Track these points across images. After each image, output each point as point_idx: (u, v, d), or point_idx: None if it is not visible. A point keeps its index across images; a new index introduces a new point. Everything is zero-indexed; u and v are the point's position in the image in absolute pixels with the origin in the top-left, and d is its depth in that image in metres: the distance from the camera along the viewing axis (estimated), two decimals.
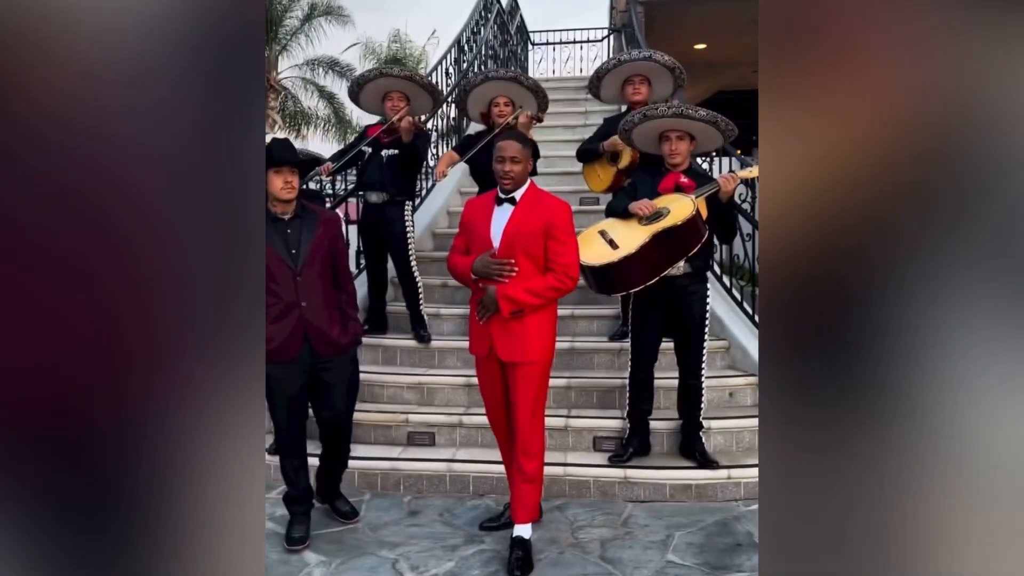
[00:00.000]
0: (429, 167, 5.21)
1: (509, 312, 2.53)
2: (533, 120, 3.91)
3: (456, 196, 5.78)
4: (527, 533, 2.65)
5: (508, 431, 2.76)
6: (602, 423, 3.55)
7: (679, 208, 3.02)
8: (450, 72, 6.32)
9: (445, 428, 3.62)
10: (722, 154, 4.24)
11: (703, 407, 3.34)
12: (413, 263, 4.18)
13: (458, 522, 3.00)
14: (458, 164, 4.42)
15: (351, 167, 4.30)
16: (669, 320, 3.26)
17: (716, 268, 4.23)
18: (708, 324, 3.28)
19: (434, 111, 4.42)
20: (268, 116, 14.41)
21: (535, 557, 2.64)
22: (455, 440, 3.60)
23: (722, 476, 3.23)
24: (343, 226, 3.05)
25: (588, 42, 10.32)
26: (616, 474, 3.28)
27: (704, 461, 3.28)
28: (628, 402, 3.40)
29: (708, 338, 3.32)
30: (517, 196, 2.62)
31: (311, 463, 2.92)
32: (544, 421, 2.71)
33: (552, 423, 3.35)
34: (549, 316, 2.65)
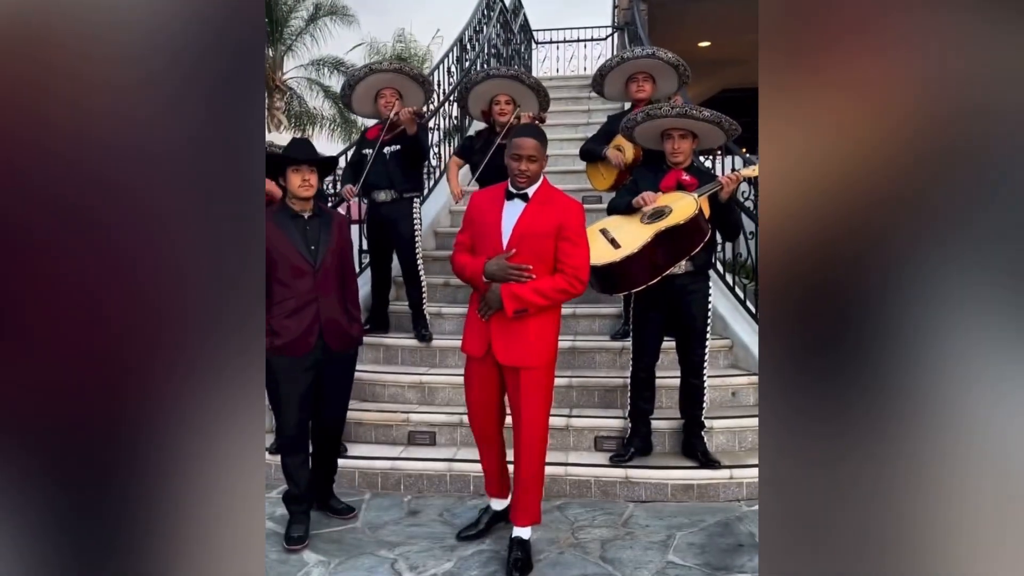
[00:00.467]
0: (430, 164, 5.20)
1: (513, 311, 2.43)
2: (534, 121, 3.90)
3: None
4: (527, 533, 2.63)
5: (496, 434, 2.73)
6: (603, 423, 3.54)
7: (681, 207, 3.00)
8: (452, 71, 6.32)
9: (446, 428, 3.61)
10: (726, 152, 4.22)
11: (705, 406, 3.32)
12: (420, 262, 4.17)
13: (458, 522, 2.99)
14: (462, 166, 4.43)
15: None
16: (671, 319, 3.24)
17: (719, 266, 4.21)
18: (710, 323, 3.27)
19: (426, 102, 4.42)
20: (274, 116, 14.44)
21: (535, 557, 2.62)
22: (456, 440, 3.59)
23: (724, 476, 3.21)
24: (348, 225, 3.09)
25: (591, 40, 10.30)
26: (617, 474, 3.26)
27: (706, 461, 3.26)
28: (630, 401, 3.39)
29: (710, 337, 3.31)
30: (530, 192, 2.52)
31: None
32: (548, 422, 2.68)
33: (553, 422, 3.32)
34: (552, 319, 2.56)
